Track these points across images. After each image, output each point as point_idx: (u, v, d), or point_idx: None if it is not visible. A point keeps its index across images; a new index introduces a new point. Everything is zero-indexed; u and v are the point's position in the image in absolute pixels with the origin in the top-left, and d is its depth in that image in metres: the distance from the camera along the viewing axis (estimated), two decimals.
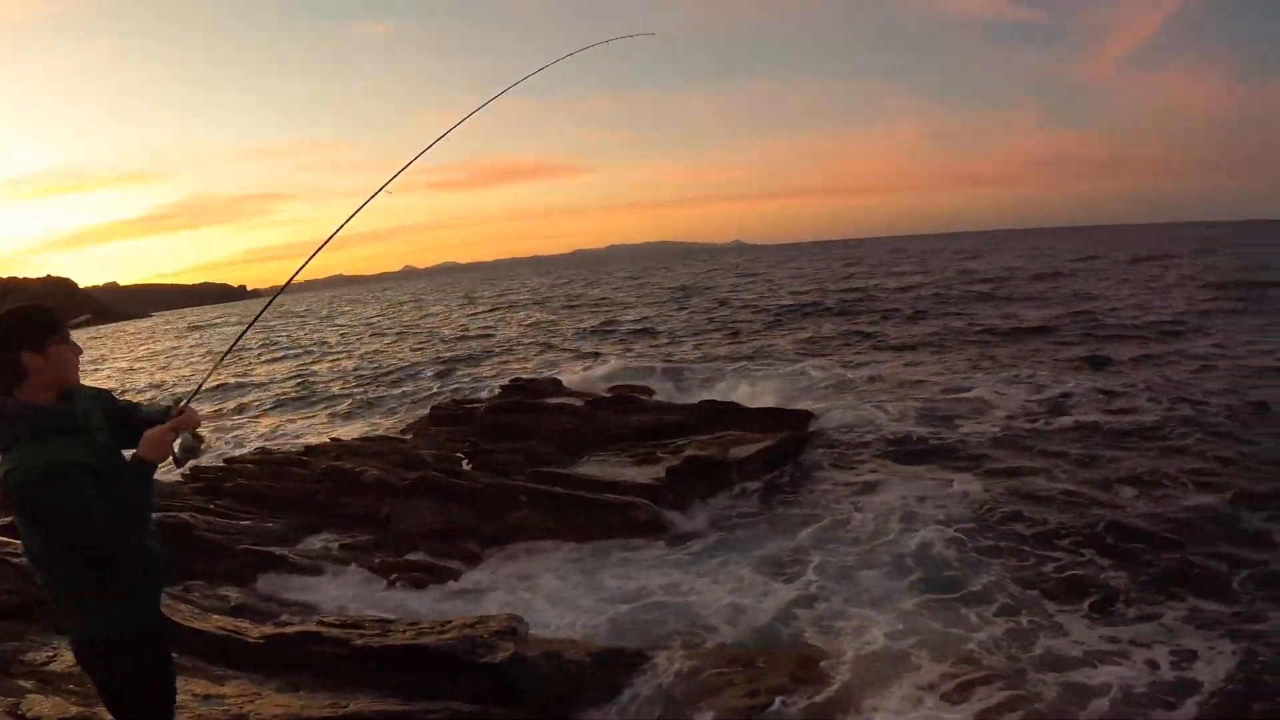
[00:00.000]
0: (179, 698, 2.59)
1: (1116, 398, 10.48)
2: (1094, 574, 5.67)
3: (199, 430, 2.31)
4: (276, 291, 3.86)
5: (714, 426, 9.47)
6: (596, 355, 18.99)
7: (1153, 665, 4.47)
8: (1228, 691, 4.15)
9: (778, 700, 4.16)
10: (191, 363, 31.42)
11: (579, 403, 10.48)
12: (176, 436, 2.23)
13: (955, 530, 6.60)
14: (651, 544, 6.93)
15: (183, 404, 2.32)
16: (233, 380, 21.45)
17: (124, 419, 2.34)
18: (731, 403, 10.55)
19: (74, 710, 3.47)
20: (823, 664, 4.61)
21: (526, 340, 24.34)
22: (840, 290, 31.63)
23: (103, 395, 2.37)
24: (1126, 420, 9.44)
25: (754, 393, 12.25)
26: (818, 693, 4.26)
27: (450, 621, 4.56)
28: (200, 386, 2.98)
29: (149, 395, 22.27)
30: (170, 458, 2.25)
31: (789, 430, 9.43)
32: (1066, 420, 9.63)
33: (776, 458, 8.71)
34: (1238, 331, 15.52)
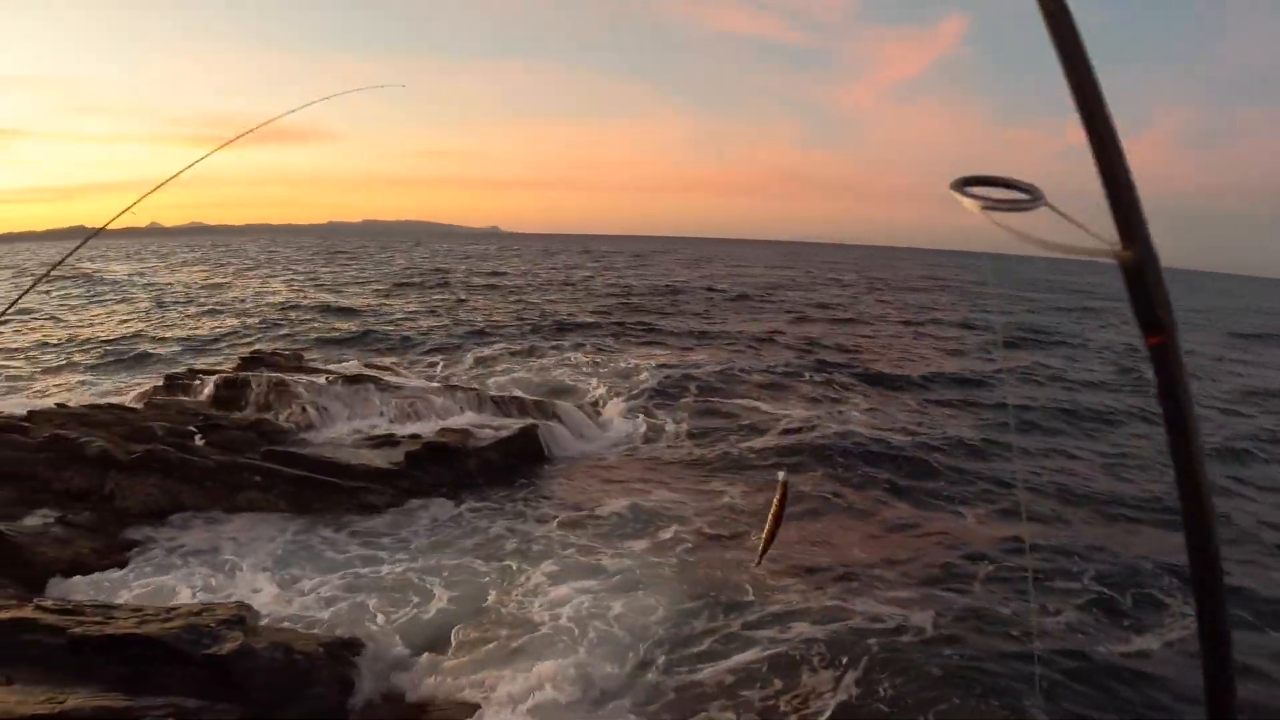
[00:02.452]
0: None
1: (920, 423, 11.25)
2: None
3: None
4: (88, 236, 3.33)
5: (453, 411, 9.36)
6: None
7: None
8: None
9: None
10: None
11: (321, 379, 9.85)
12: None
13: (700, 525, 6.99)
14: (384, 529, 6.80)
15: None
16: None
17: None
18: (473, 388, 10.30)
19: None
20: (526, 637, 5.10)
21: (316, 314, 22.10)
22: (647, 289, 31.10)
23: None
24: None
25: (507, 382, 12.19)
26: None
27: (176, 608, 4.29)
28: None
29: None
30: None
31: (532, 421, 9.30)
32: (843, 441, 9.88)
33: (517, 448, 8.59)
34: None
